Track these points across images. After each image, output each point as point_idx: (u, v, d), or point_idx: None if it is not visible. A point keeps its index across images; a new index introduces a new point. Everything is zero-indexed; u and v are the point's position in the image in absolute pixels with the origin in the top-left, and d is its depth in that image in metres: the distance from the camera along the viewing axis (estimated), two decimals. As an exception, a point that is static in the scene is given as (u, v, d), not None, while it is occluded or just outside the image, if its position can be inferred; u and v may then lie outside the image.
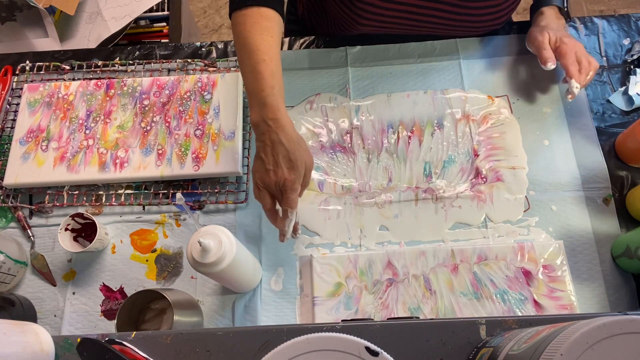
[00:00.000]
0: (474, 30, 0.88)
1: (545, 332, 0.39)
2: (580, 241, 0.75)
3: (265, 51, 0.67)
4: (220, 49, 0.93)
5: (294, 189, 0.66)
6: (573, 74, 0.76)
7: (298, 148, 0.66)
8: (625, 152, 0.79)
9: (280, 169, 0.65)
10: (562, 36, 0.80)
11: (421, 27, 0.86)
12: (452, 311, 0.71)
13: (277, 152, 0.65)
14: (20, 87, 0.90)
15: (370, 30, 0.88)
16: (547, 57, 0.78)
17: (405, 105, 0.86)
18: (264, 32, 0.68)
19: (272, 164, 0.66)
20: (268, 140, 0.66)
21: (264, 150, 0.66)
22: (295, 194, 0.66)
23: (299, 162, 0.65)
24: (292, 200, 0.66)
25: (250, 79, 0.68)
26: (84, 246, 0.75)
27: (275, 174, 0.66)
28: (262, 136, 0.66)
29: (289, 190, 0.65)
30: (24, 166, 0.81)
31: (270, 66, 0.67)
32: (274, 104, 0.66)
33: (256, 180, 0.68)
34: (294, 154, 0.65)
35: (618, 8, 1.93)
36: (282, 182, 0.65)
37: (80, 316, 0.75)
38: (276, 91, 0.66)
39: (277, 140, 0.65)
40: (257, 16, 0.69)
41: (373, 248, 0.76)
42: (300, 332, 0.42)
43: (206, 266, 0.58)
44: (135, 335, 0.54)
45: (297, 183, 0.66)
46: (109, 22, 1.13)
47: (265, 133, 0.66)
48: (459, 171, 0.81)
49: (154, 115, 0.84)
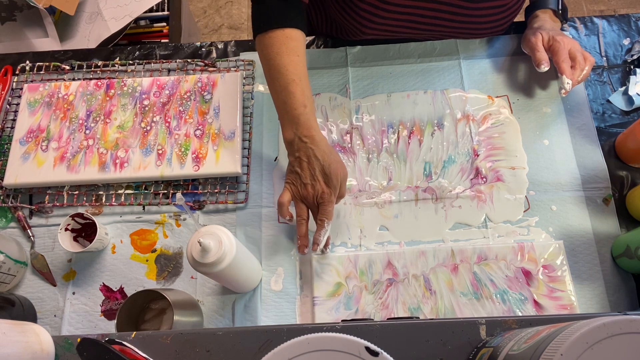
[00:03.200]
0: (476, 37, 0.89)
1: (545, 332, 0.39)
2: (580, 241, 0.75)
3: (294, 71, 0.70)
4: (220, 49, 0.93)
5: (330, 200, 0.69)
6: (564, 71, 0.77)
7: (333, 162, 0.69)
8: (625, 152, 0.79)
9: (318, 182, 0.69)
10: (556, 34, 0.80)
11: (424, 33, 0.86)
12: (452, 311, 0.71)
13: (313, 166, 0.69)
14: (20, 87, 0.90)
15: (374, 37, 0.88)
16: (540, 59, 0.79)
17: (405, 105, 0.86)
18: (291, 53, 0.70)
19: (309, 178, 0.69)
20: (304, 156, 0.69)
21: (300, 166, 0.69)
22: (332, 205, 0.70)
23: (334, 175, 0.69)
24: (328, 212, 0.69)
25: (282, 99, 0.70)
26: (84, 246, 0.75)
27: (313, 188, 0.69)
28: (298, 152, 0.69)
29: (326, 202, 0.69)
30: (24, 166, 0.81)
31: (300, 85, 0.69)
32: (308, 122, 0.69)
33: (292, 193, 0.71)
34: (329, 168, 0.68)
35: (618, 8, 1.93)
36: (320, 195, 0.69)
37: (80, 316, 0.75)
38: (308, 110, 0.70)
39: (313, 155, 0.68)
40: (282, 38, 0.71)
41: (373, 248, 0.76)
42: (300, 332, 0.42)
43: (206, 266, 0.58)
44: (135, 335, 0.54)
45: (333, 195, 0.70)
46: (109, 22, 1.13)
47: (301, 149, 0.69)
48: (459, 171, 0.81)
49: (154, 115, 0.84)
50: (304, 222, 0.71)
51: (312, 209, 0.72)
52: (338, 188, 0.70)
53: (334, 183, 0.69)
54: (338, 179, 0.69)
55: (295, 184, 0.70)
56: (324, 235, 0.70)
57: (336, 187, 0.70)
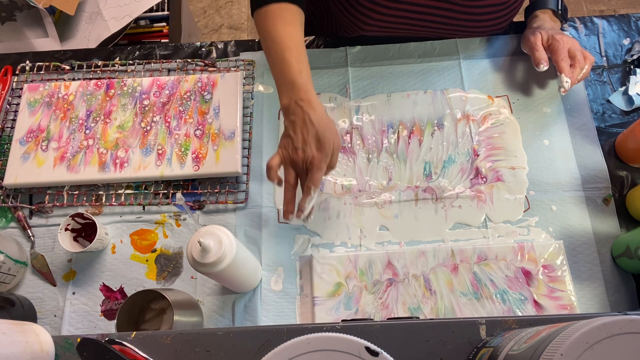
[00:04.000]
0: (476, 35, 0.89)
1: (545, 332, 0.39)
2: (580, 241, 0.75)
3: (289, 41, 0.70)
4: (220, 49, 0.93)
5: (320, 167, 0.67)
6: (563, 69, 0.77)
7: (327, 129, 0.67)
8: (625, 152, 0.79)
9: (309, 147, 0.67)
10: (555, 33, 0.80)
11: (424, 30, 0.86)
12: (452, 311, 0.71)
13: (307, 131, 0.67)
14: (20, 87, 0.90)
15: (373, 34, 0.88)
16: (540, 59, 0.79)
17: (405, 105, 0.86)
18: (286, 24, 0.71)
19: (300, 142, 0.67)
20: (299, 120, 0.67)
21: (293, 129, 0.68)
22: (321, 173, 0.67)
23: (328, 142, 0.67)
24: (316, 179, 0.67)
25: (278, 68, 0.70)
26: (84, 246, 0.75)
27: (303, 152, 0.67)
28: (293, 116, 0.68)
29: (315, 168, 0.67)
30: (24, 166, 0.81)
31: (295, 53, 0.69)
32: (303, 85, 0.68)
33: (283, 157, 0.69)
34: (323, 134, 0.67)
35: (618, 8, 1.93)
36: (310, 161, 0.67)
37: (80, 316, 0.75)
38: (304, 75, 0.69)
39: (308, 119, 0.67)
40: (278, 11, 0.72)
41: (373, 248, 0.76)
42: (300, 332, 0.42)
43: (206, 266, 0.58)
44: (135, 335, 0.54)
45: (323, 162, 0.67)
46: (109, 22, 1.13)
47: (296, 113, 0.67)
48: (459, 171, 0.80)
49: (154, 115, 0.84)
50: (291, 188, 0.69)
51: (301, 175, 0.69)
52: (329, 156, 0.68)
53: (327, 150, 0.67)
54: (331, 147, 0.67)
55: (286, 148, 0.68)
56: (309, 203, 0.68)
57: (328, 155, 0.67)
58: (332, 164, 0.70)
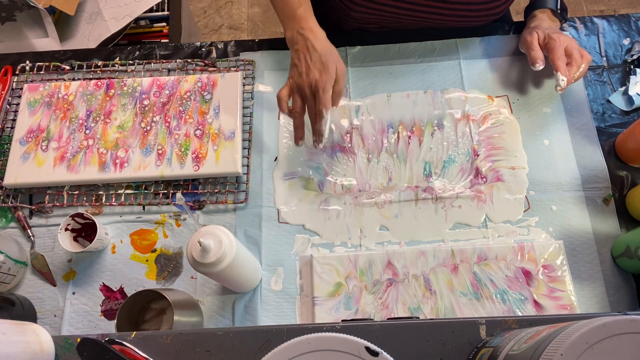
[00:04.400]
0: (470, 20, 0.88)
1: (545, 332, 0.39)
2: (580, 241, 0.75)
3: None
4: (220, 49, 0.93)
5: (325, 89, 0.70)
6: (559, 68, 0.77)
7: (329, 53, 0.71)
8: (625, 152, 0.79)
9: (312, 71, 0.70)
10: (552, 32, 0.80)
11: (416, 16, 0.86)
12: (452, 311, 0.71)
13: (309, 56, 0.71)
14: (20, 87, 0.90)
15: (363, 18, 0.88)
16: (535, 58, 0.79)
17: (405, 105, 0.86)
18: None
19: (304, 67, 0.71)
20: (302, 47, 0.72)
21: (297, 57, 0.72)
22: (328, 94, 0.70)
23: (330, 64, 0.71)
24: (325, 100, 0.70)
25: (280, 6, 0.76)
26: (84, 246, 0.75)
27: (307, 76, 0.71)
28: (296, 45, 0.72)
29: (320, 90, 0.70)
30: (24, 166, 0.81)
31: None
32: (304, 15, 0.73)
33: (290, 86, 0.73)
34: (325, 57, 0.71)
35: (618, 8, 1.93)
36: (315, 84, 0.70)
37: (80, 316, 0.75)
38: (304, 7, 0.74)
39: (311, 46, 0.71)
40: None
41: (373, 248, 0.76)
42: (300, 332, 0.42)
43: (206, 266, 0.58)
44: (135, 335, 0.54)
45: (328, 84, 0.70)
46: (109, 22, 1.13)
47: (299, 42, 0.72)
48: (459, 171, 0.80)
49: (154, 115, 0.84)
50: (298, 115, 0.73)
51: (310, 102, 0.72)
52: (334, 77, 0.71)
53: (330, 72, 0.70)
54: (334, 69, 0.71)
55: (293, 77, 0.72)
56: (325, 126, 0.71)
57: (332, 77, 0.70)
58: (339, 88, 0.73)
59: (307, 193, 0.80)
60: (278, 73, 0.90)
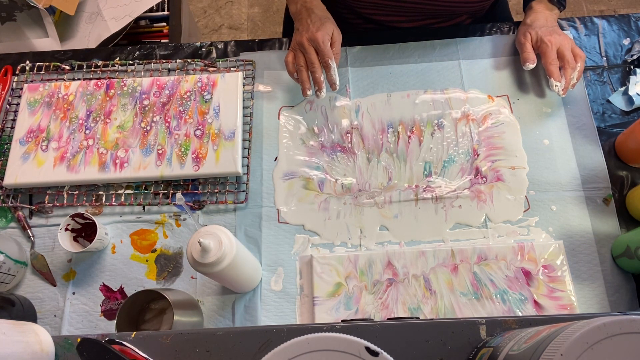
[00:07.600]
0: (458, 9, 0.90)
1: (545, 332, 0.39)
2: (580, 241, 0.75)
3: None
4: (220, 49, 0.93)
5: (324, 42, 0.78)
6: (552, 73, 0.79)
7: (327, 18, 0.82)
8: (625, 152, 0.79)
9: (310, 29, 0.80)
10: (544, 35, 0.81)
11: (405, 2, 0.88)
12: (452, 311, 0.71)
13: (309, 18, 0.81)
14: (20, 87, 0.90)
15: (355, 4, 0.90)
16: (526, 58, 0.82)
17: (405, 105, 0.86)
18: None
19: (304, 28, 0.81)
20: (304, 13, 0.82)
21: (299, 22, 0.82)
22: (327, 46, 0.78)
23: (327, 23, 0.81)
24: (326, 51, 0.78)
25: None
26: (84, 246, 0.75)
27: (307, 32, 0.80)
28: (299, 15, 0.83)
29: (320, 44, 0.78)
30: (24, 166, 0.81)
31: None
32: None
33: (293, 49, 0.82)
34: (323, 19, 0.81)
35: (618, 8, 1.93)
36: (313, 37, 0.78)
37: (80, 316, 0.75)
38: None
39: (312, 12, 0.82)
40: None
41: (373, 248, 0.76)
42: (300, 332, 0.42)
43: (206, 266, 0.58)
44: (135, 335, 0.54)
45: (326, 38, 0.79)
46: (109, 22, 1.13)
47: (302, 13, 0.83)
48: (459, 171, 0.80)
49: (154, 115, 0.84)
50: (302, 69, 0.80)
51: (310, 55, 0.79)
52: (330, 34, 0.79)
53: (327, 29, 0.79)
54: (331, 29, 0.80)
55: (295, 38, 0.81)
56: (335, 73, 0.79)
57: (328, 33, 0.79)
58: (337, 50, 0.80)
59: (307, 193, 0.80)
60: (278, 73, 0.90)
